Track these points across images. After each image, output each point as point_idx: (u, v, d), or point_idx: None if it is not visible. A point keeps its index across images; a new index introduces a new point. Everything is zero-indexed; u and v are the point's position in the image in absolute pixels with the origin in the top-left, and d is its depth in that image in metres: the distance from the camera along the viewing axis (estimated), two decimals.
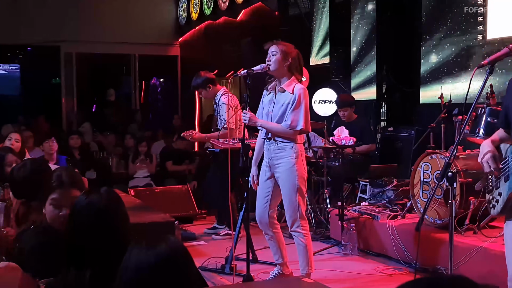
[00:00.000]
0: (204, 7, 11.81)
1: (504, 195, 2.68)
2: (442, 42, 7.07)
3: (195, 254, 5.41)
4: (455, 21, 6.86)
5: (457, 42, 6.83)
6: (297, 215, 4.16)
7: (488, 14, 6.38)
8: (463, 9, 6.74)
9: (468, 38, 6.68)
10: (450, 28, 6.94)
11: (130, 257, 1.75)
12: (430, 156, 5.04)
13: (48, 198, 2.65)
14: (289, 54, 4.19)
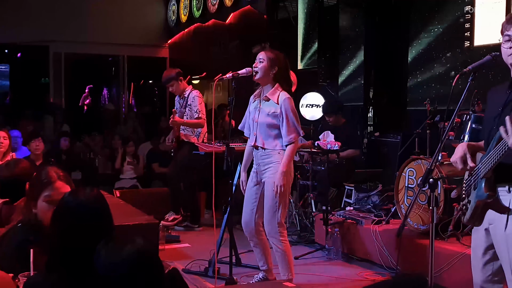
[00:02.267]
0: (193, 9, 11.80)
1: (472, 203, 2.71)
2: (430, 48, 7.11)
3: (179, 256, 5.43)
4: (443, 27, 6.90)
5: (444, 48, 6.88)
6: (275, 221, 4.15)
7: (475, 22, 6.43)
8: (451, 16, 6.79)
9: (455, 44, 6.73)
10: (437, 34, 6.99)
11: (98, 258, 1.74)
12: (415, 162, 5.06)
13: (41, 195, 2.63)
14: (276, 62, 4.18)
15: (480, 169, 2.66)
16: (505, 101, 2.65)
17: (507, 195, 2.59)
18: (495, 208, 2.63)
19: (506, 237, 2.58)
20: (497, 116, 2.66)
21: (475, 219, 2.75)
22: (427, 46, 7.15)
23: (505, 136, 2.32)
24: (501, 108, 2.65)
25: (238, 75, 4.27)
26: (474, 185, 2.70)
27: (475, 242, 2.82)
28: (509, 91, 2.67)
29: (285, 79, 4.25)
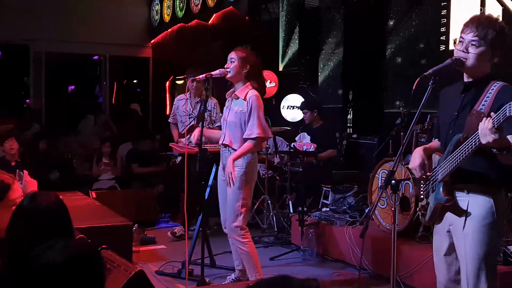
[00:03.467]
0: (176, 9, 11.79)
1: (431, 205, 2.76)
2: (407, 51, 7.17)
3: (154, 258, 5.42)
4: (419, 31, 6.97)
5: (420, 52, 6.94)
6: (237, 223, 4.16)
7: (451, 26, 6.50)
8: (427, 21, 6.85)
9: (431, 48, 6.79)
10: (414, 38, 7.05)
11: (33, 258, 1.74)
12: (388, 163, 5.11)
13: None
14: (247, 61, 4.20)
15: (438, 172, 2.70)
16: (460, 105, 2.69)
17: (465, 197, 2.65)
18: (453, 211, 2.69)
19: (463, 236, 2.64)
20: (453, 120, 2.70)
21: (435, 219, 2.81)
22: (404, 50, 7.21)
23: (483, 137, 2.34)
24: (457, 113, 2.69)
25: (211, 76, 4.28)
26: (433, 188, 2.74)
27: (437, 244, 2.87)
28: (462, 94, 2.71)
29: (257, 77, 4.26)
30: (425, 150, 2.84)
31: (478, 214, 2.61)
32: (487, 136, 2.31)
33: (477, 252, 2.61)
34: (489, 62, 2.69)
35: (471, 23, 2.65)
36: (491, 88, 2.61)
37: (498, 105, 2.52)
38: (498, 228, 2.65)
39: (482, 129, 2.32)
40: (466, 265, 2.64)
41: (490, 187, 2.63)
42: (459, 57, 2.65)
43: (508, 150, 2.38)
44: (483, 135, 2.32)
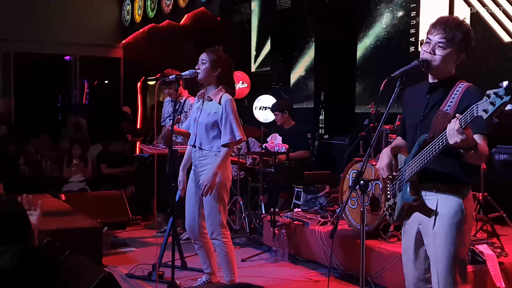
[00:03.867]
0: (147, 9, 11.71)
1: (398, 204, 2.79)
2: (377, 53, 7.24)
3: (124, 261, 5.37)
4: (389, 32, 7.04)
5: (390, 53, 7.01)
6: (217, 223, 4.15)
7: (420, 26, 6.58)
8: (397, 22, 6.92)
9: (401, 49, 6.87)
10: (385, 39, 7.12)
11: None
12: (358, 164, 5.13)
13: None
14: (218, 63, 4.18)
15: (405, 172, 2.73)
16: (426, 106, 2.72)
17: (433, 196, 2.67)
18: (421, 210, 2.71)
19: (433, 235, 2.67)
20: (420, 121, 2.73)
21: (402, 219, 2.84)
22: (374, 50, 7.28)
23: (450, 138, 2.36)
24: (423, 114, 2.72)
25: (182, 77, 4.26)
26: (399, 187, 2.77)
27: (406, 243, 2.89)
28: (428, 95, 2.74)
29: (228, 80, 4.25)
30: (392, 150, 2.87)
31: (447, 213, 2.64)
32: (454, 136, 2.33)
33: (448, 250, 2.63)
34: (454, 64, 2.72)
35: (438, 24, 2.67)
36: (457, 89, 2.64)
37: (464, 105, 2.55)
38: (467, 227, 2.69)
39: (450, 129, 2.35)
40: (436, 264, 2.66)
41: (458, 186, 2.67)
42: (426, 58, 2.68)
43: (474, 150, 2.41)
44: (450, 135, 2.35)
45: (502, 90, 2.14)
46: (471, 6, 5.93)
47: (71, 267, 3.02)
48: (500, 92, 2.15)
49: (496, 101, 2.15)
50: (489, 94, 2.18)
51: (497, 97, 2.15)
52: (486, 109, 2.18)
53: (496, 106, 2.15)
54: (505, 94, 2.14)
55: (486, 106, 2.18)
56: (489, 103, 2.17)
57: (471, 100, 2.55)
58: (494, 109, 2.15)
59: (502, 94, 2.14)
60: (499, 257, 4.05)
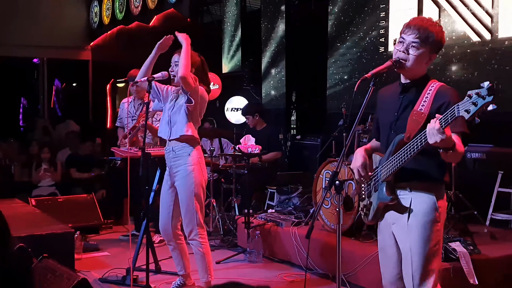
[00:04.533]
0: (116, 11, 11.61)
1: (374, 204, 2.81)
2: (348, 53, 7.29)
3: (97, 265, 5.30)
4: (359, 33, 7.09)
5: (361, 53, 7.07)
6: (194, 223, 4.13)
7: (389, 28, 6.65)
8: (367, 23, 6.98)
9: (371, 50, 6.93)
10: (355, 39, 7.18)
11: None
12: (331, 164, 5.17)
13: None
14: (192, 64, 4.16)
15: (380, 172, 2.74)
16: (399, 106, 2.74)
17: (407, 195, 2.70)
18: (395, 209, 2.74)
19: (407, 233, 2.70)
20: (393, 121, 2.75)
21: (378, 218, 2.87)
22: (345, 51, 7.33)
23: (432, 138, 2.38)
24: (397, 114, 2.74)
25: (153, 79, 4.22)
26: (375, 187, 2.79)
27: (382, 243, 2.91)
28: (401, 95, 2.76)
29: (202, 80, 4.23)
30: (366, 150, 2.89)
31: (421, 211, 2.67)
32: (434, 136, 2.35)
33: (422, 248, 2.66)
34: (426, 64, 2.75)
35: (413, 24, 2.70)
36: (429, 89, 2.67)
37: (438, 105, 2.59)
38: (441, 224, 2.72)
39: (430, 129, 2.36)
40: (411, 261, 2.68)
41: (432, 184, 2.69)
42: (399, 58, 2.70)
43: (453, 149, 2.44)
44: (430, 135, 2.36)
45: (484, 90, 2.16)
46: (440, 6, 6.01)
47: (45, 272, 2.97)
48: (482, 92, 2.16)
49: (478, 101, 2.17)
50: (471, 94, 2.19)
51: (479, 97, 2.16)
52: (468, 109, 2.19)
53: (478, 106, 2.17)
54: (487, 94, 2.15)
55: (467, 106, 2.20)
56: (471, 103, 2.18)
57: (444, 99, 2.59)
58: (476, 109, 2.17)
59: (484, 94, 2.15)
60: (472, 255, 4.11)
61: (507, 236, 4.94)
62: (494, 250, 4.44)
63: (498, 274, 4.23)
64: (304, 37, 8.08)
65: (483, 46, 5.66)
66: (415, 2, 6.28)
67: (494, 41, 5.56)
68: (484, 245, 4.42)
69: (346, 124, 5.60)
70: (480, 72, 5.62)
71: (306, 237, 3.00)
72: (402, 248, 2.74)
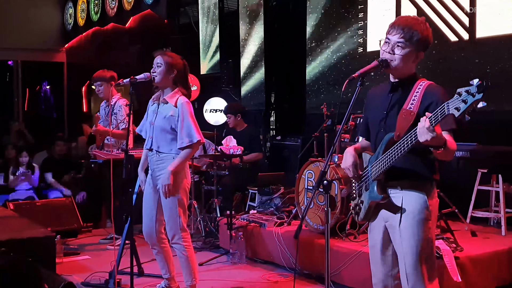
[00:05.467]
0: (91, 13, 11.50)
1: (365, 203, 2.82)
2: (327, 53, 7.33)
3: (79, 269, 5.24)
4: (339, 34, 7.13)
5: (340, 54, 7.11)
6: (177, 227, 4.10)
7: (368, 28, 6.70)
8: (346, 25, 7.03)
9: (350, 50, 6.97)
10: (334, 40, 7.21)
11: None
12: (314, 164, 5.19)
13: None
14: (174, 66, 4.13)
15: (371, 171, 2.76)
16: (388, 105, 2.76)
17: (398, 194, 2.71)
18: (387, 208, 2.75)
19: (400, 232, 2.70)
20: (383, 119, 2.77)
21: (369, 217, 2.87)
22: (324, 52, 7.37)
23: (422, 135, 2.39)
24: (386, 112, 2.76)
25: (136, 81, 4.18)
26: (366, 186, 2.80)
27: (373, 241, 2.91)
28: (390, 94, 2.78)
29: (184, 82, 4.21)
30: (356, 149, 2.90)
31: (412, 210, 2.68)
32: (425, 134, 2.36)
33: (415, 246, 2.67)
34: (414, 63, 2.77)
35: (397, 24, 2.72)
36: (418, 87, 2.69)
37: (427, 103, 2.61)
38: (432, 223, 2.74)
39: (420, 128, 2.37)
40: (404, 259, 2.70)
41: (423, 183, 2.71)
42: (385, 58, 2.72)
43: (444, 147, 2.46)
44: (421, 134, 2.38)
45: (474, 88, 2.17)
46: (418, 7, 6.08)
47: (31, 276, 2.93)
48: (472, 89, 2.18)
49: (468, 99, 2.18)
50: (460, 92, 2.21)
51: (469, 94, 2.18)
52: (458, 107, 2.21)
53: (468, 103, 2.18)
54: (477, 91, 2.16)
55: (457, 104, 2.21)
56: (461, 101, 2.20)
57: (433, 98, 2.61)
58: (466, 107, 2.18)
59: (474, 91, 2.17)
60: (455, 252, 4.15)
61: (487, 233, 5.01)
62: (476, 247, 4.50)
63: (481, 270, 4.28)
64: (283, 38, 8.10)
65: (461, 46, 5.73)
66: (393, 3, 6.34)
67: (472, 41, 5.64)
68: (465, 242, 4.48)
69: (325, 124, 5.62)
70: (459, 72, 5.70)
71: (295, 237, 3.01)
72: (397, 248, 2.75)
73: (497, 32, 5.42)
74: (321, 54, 7.40)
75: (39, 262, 3.69)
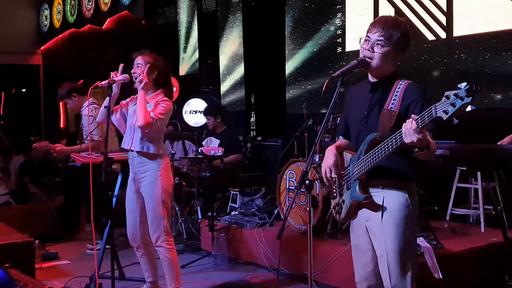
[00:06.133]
0: (67, 14, 11.38)
1: (347, 202, 2.82)
2: (306, 53, 7.34)
3: (58, 274, 5.17)
4: (318, 33, 7.15)
5: (319, 54, 7.13)
6: (161, 230, 4.06)
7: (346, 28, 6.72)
8: (325, 25, 7.05)
9: (329, 50, 6.99)
10: (312, 40, 7.23)
11: None
12: (295, 164, 5.18)
13: None
14: (155, 66, 4.09)
15: (352, 171, 2.75)
16: (369, 105, 2.76)
17: (379, 193, 2.71)
18: (369, 207, 2.74)
19: (382, 231, 2.70)
20: (364, 119, 2.77)
21: (350, 216, 2.87)
22: (303, 52, 7.38)
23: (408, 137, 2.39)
24: (367, 112, 2.76)
25: (115, 82, 4.13)
26: (347, 185, 2.79)
27: (356, 240, 2.91)
28: (370, 94, 2.79)
29: (165, 82, 4.18)
30: (337, 148, 2.90)
31: (394, 208, 2.69)
32: (411, 136, 2.36)
33: (398, 245, 2.67)
34: (392, 63, 2.78)
35: (377, 23, 2.72)
36: (398, 87, 2.69)
37: (407, 103, 2.62)
38: (413, 221, 2.75)
39: (407, 129, 2.37)
40: (387, 258, 2.69)
41: (404, 181, 2.72)
42: (365, 57, 2.72)
43: (428, 149, 2.46)
44: (407, 135, 2.37)
45: (462, 91, 2.17)
46: (396, 6, 6.11)
47: None
48: (461, 93, 2.18)
49: (456, 102, 2.18)
50: (449, 95, 2.21)
51: (458, 98, 2.18)
52: (446, 110, 2.21)
53: (456, 107, 2.18)
54: (466, 95, 2.17)
55: (446, 107, 2.21)
56: (449, 104, 2.20)
57: (413, 97, 2.62)
58: (454, 110, 2.18)
59: (462, 95, 2.17)
60: (435, 249, 4.18)
61: (467, 230, 5.07)
62: (456, 244, 4.54)
63: (462, 267, 4.32)
64: (262, 39, 8.09)
65: (439, 45, 5.78)
66: (371, 3, 6.37)
67: (450, 39, 5.69)
68: (446, 239, 4.52)
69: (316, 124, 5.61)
70: (437, 71, 5.74)
71: (278, 237, 2.99)
72: (377, 246, 2.75)
73: (474, 31, 5.47)
74: (301, 54, 7.41)
75: (18, 268, 3.64)
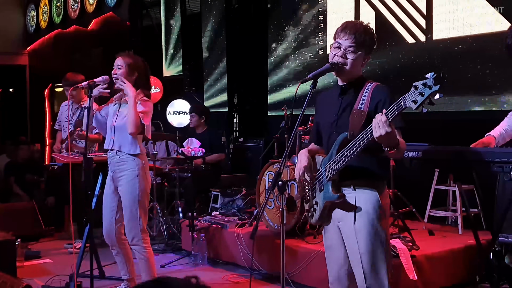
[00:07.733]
0: (53, 15, 11.36)
1: (320, 204, 2.83)
2: (287, 56, 7.41)
3: (40, 272, 5.20)
4: (300, 35, 7.22)
5: (301, 56, 7.19)
6: (138, 228, 4.11)
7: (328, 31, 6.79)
8: (306, 26, 7.11)
9: (311, 52, 7.06)
10: (294, 41, 7.30)
11: None
12: (274, 165, 5.23)
13: None
14: (135, 67, 4.14)
15: (324, 172, 2.79)
16: (339, 107, 2.82)
17: (352, 193, 2.76)
18: (342, 207, 2.77)
19: (355, 231, 2.73)
20: (334, 121, 2.82)
21: (324, 219, 2.87)
22: (285, 54, 7.44)
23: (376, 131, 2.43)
24: (337, 114, 2.82)
25: (95, 83, 4.18)
26: (320, 187, 2.82)
27: (328, 241, 2.93)
28: (340, 97, 2.85)
29: (145, 83, 4.23)
30: (310, 152, 2.94)
31: (367, 209, 2.71)
32: (380, 129, 2.38)
33: (371, 245, 2.70)
34: (362, 66, 2.85)
35: (347, 29, 2.77)
36: (366, 88, 2.76)
37: (376, 102, 2.68)
38: (386, 221, 2.79)
39: (377, 122, 2.39)
40: (361, 259, 2.71)
41: (375, 181, 2.76)
42: (338, 62, 2.77)
43: (397, 148, 2.51)
44: (376, 128, 2.39)
45: (430, 80, 2.21)
46: (376, 9, 6.19)
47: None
48: (428, 82, 2.21)
49: (425, 91, 2.22)
50: (417, 86, 2.24)
51: (426, 87, 2.21)
52: (415, 99, 2.24)
53: (425, 96, 2.22)
54: (434, 83, 2.20)
55: (415, 97, 2.25)
56: (418, 94, 2.23)
57: (381, 96, 2.69)
58: (423, 99, 2.22)
59: (430, 84, 2.21)
60: (411, 251, 4.22)
61: (444, 232, 5.13)
62: (433, 245, 4.59)
63: (437, 269, 4.37)
64: (245, 40, 8.15)
65: (418, 48, 5.86)
66: (352, 6, 6.45)
67: (429, 42, 5.78)
68: (422, 241, 4.57)
69: (287, 126, 5.68)
70: (416, 73, 5.82)
71: (251, 237, 3.04)
72: (350, 247, 2.76)
73: (454, 34, 5.56)
74: (282, 56, 7.48)
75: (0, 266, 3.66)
